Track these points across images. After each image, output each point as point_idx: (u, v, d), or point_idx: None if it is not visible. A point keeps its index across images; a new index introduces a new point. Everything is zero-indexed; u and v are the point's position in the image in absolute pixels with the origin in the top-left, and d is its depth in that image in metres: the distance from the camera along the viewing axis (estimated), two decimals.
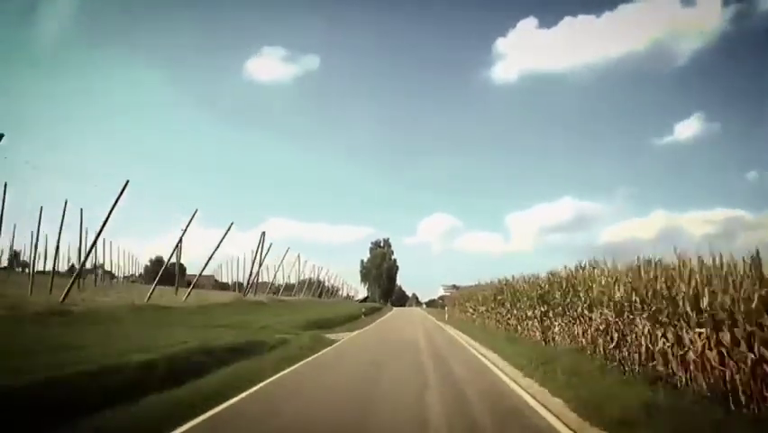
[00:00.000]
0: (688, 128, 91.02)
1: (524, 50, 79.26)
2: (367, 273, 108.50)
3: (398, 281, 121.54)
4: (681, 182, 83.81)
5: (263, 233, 34.05)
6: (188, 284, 31.22)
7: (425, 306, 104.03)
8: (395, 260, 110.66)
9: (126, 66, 78.71)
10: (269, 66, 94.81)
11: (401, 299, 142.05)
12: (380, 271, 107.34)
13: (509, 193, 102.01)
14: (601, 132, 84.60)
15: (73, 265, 39.09)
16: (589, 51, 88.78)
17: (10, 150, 14.41)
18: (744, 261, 5.87)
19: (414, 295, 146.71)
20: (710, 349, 5.99)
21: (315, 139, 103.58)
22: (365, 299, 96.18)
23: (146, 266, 61.60)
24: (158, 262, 64.75)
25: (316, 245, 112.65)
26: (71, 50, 69.71)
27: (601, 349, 9.60)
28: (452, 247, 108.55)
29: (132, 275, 54.73)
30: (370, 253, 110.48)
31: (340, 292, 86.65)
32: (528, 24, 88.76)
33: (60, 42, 63.56)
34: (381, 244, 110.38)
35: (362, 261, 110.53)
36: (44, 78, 69.98)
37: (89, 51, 73.65)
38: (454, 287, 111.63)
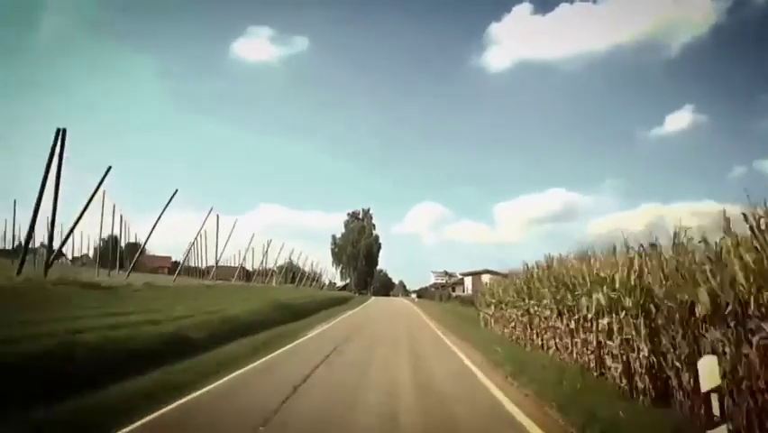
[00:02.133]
0: (678, 120, 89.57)
1: (517, 37, 77.20)
2: (340, 253, 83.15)
3: (382, 265, 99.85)
4: (670, 174, 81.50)
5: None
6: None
7: (414, 295, 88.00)
8: (377, 236, 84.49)
9: (107, 48, 74.21)
10: (256, 47, 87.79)
11: (386, 287, 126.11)
12: (357, 249, 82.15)
13: (497, 183, 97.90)
14: (591, 122, 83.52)
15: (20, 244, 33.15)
16: (583, 40, 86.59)
17: None
18: None
19: (401, 283, 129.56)
20: None
21: (304, 125, 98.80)
22: (344, 287, 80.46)
23: (97, 246, 49.89)
24: (111, 241, 49.13)
25: (306, 232, 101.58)
26: (52, 33, 64.44)
27: None
28: (441, 236, 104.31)
29: (83, 255, 48.28)
30: (345, 226, 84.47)
31: (322, 279, 76.96)
32: (523, 10, 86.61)
33: (40, 23, 59.76)
34: (360, 216, 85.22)
35: (334, 237, 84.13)
36: (23, 63, 66.70)
37: (70, 35, 70.25)
38: (446, 274, 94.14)
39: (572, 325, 8.13)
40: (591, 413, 4.88)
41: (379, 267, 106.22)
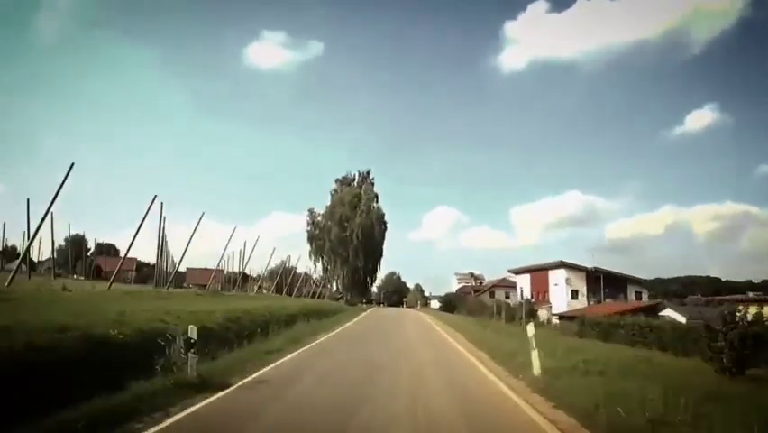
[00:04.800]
0: (700, 119, 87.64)
1: (532, 36, 73.15)
2: (320, 237, 51.91)
3: (395, 267, 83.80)
4: (691, 176, 78.79)
5: None
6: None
7: (436, 303, 60.32)
8: (380, 211, 52.69)
9: (119, 54, 67.82)
10: (269, 52, 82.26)
11: (399, 292, 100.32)
12: (349, 231, 50.61)
13: (514, 186, 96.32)
14: (610, 122, 79.01)
15: None
16: (601, 38, 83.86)
17: None
18: None
19: (418, 287, 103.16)
20: None
21: (316, 128, 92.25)
22: (341, 297, 52.55)
23: (59, 246, 36.43)
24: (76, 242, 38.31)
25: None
26: (65, 31, 53.70)
27: None
28: (458, 241, 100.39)
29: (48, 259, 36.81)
30: (332, 196, 53.34)
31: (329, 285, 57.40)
32: (538, 7, 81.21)
33: (55, 23, 52.98)
34: (354, 180, 54.46)
35: (311, 211, 53.48)
36: (35, 59, 53.89)
37: (80, 35, 59.98)
38: (472, 276, 78.73)
39: None
40: None
41: (392, 269, 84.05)
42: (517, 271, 56.53)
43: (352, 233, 49.49)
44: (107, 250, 48.36)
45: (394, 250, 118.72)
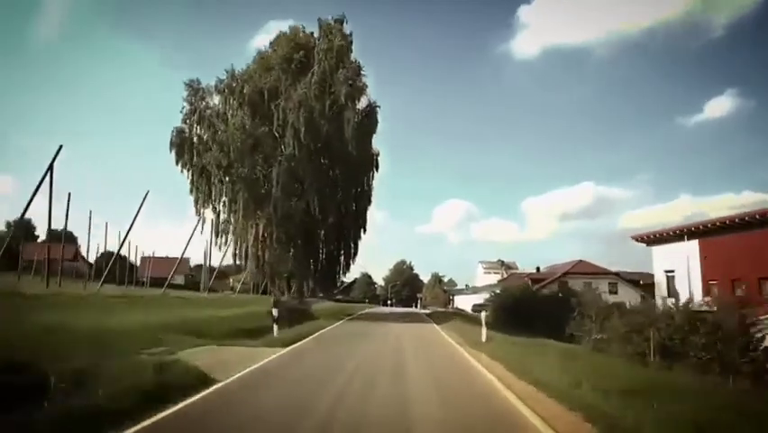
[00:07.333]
0: (719, 106, 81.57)
1: (547, 20, 72.39)
2: (208, 142, 20.85)
3: (403, 255, 78.70)
4: (709, 164, 74.80)
5: None
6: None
7: (482, 309, 30.64)
8: (360, 81, 21.98)
9: (121, 47, 72.42)
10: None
11: (412, 285, 76.14)
12: (277, 121, 20.02)
13: (526, 177, 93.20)
14: (625, 110, 78.23)
15: None
16: (617, 22, 78.93)
17: None
18: None
19: (436, 278, 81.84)
20: None
21: None
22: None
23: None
24: (21, 227, 30.87)
25: None
26: (68, 25, 61.81)
27: None
28: (468, 234, 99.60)
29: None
30: (255, 64, 21.90)
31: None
32: None
33: (55, 17, 59.87)
34: (313, 34, 21.88)
35: (193, 87, 21.84)
36: (41, 58, 65.21)
37: (86, 29, 67.42)
38: (503, 264, 67.25)
39: None
40: None
41: (401, 257, 73.38)
42: (653, 239, 26.53)
43: (284, 126, 19.01)
44: (65, 237, 45.60)
45: (398, 242, 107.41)
